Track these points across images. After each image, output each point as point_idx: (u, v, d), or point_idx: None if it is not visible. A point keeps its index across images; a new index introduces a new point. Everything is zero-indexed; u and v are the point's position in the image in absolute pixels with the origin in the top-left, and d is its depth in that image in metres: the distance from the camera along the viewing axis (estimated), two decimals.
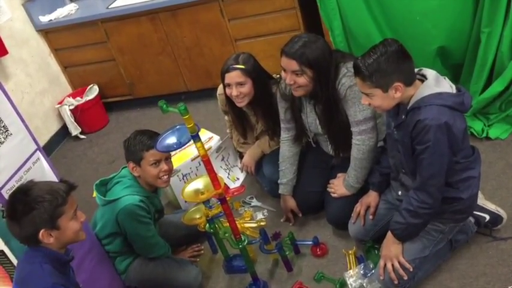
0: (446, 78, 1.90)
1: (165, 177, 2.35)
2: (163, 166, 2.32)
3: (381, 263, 2.06)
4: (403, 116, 1.88)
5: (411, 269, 2.02)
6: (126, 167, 2.40)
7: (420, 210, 1.90)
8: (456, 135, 1.81)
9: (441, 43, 2.71)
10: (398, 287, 2.05)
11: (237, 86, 2.46)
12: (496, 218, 2.21)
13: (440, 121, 1.76)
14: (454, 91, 1.85)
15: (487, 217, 2.19)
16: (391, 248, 2.03)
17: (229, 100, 2.58)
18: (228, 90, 2.51)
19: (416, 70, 1.88)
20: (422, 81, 1.87)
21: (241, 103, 2.52)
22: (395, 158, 2.06)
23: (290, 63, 2.15)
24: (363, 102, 1.92)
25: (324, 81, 2.18)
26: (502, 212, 2.22)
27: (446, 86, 1.85)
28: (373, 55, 1.80)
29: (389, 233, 2.04)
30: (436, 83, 1.84)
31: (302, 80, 2.17)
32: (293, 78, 2.18)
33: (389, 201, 2.22)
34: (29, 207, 1.62)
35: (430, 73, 1.88)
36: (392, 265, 2.02)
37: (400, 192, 2.13)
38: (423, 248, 2.05)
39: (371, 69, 1.80)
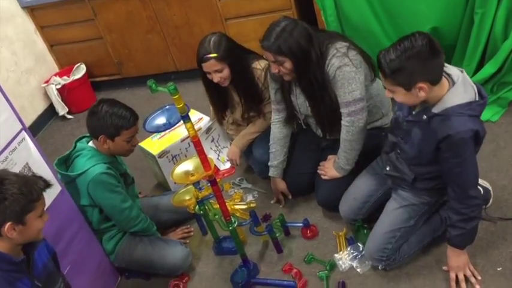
0: (464, 72, 1.79)
1: (133, 149, 2.38)
2: (135, 141, 2.35)
3: (452, 275, 2.00)
4: (424, 117, 1.81)
5: (479, 277, 1.99)
6: (80, 140, 2.35)
7: (473, 213, 1.85)
8: (481, 139, 1.80)
9: (434, 24, 2.69)
10: (386, 262, 2.08)
11: (216, 72, 2.45)
12: (486, 192, 2.22)
13: (472, 131, 1.73)
14: (476, 91, 1.77)
15: (482, 190, 2.19)
16: (460, 258, 1.97)
17: (207, 80, 2.55)
18: (209, 76, 2.50)
19: None
20: (447, 80, 1.78)
21: (225, 83, 2.52)
22: (395, 139, 2.03)
23: (267, 54, 2.17)
24: (386, 95, 1.85)
25: (303, 67, 2.16)
26: (487, 184, 2.25)
27: (471, 89, 1.77)
28: (396, 51, 1.67)
29: (450, 248, 1.97)
30: (464, 89, 1.75)
31: (283, 68, 2.17)
32: (276, 67, 2.19)
33: (378, 174, 2.21)
34: (1, 196, 1.54)
35: (456, 74, 1.76)
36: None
37: (388, 168, 2.10)
38: (408, 218, 2.06)
39: (392, 66, 1.68)
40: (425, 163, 1.92)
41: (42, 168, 2.02)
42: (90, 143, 2.33)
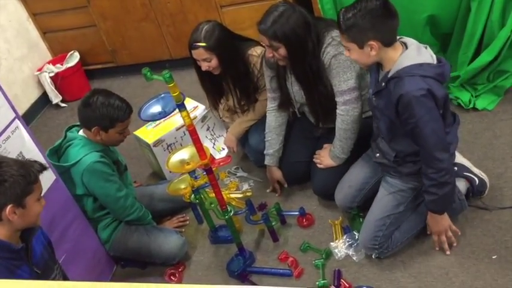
0: (428, 47, 1.88)
1: (124, 139, 2.37)
2: (127, 132, 2.34)
3: (435, 238, 2.08)
4: (383, 84, 1.87)
5: (459, 233, 2.08)
6: (70, 130, 2.34)
7: (442, 178, 1.88)
8: (440, 100, 1.81)
9: (431, 12, 2.67)
10: (379, 250, 2.10)
11: (203, 61, 2.44)
12: (482, 184, 2.23)
13: (424, 90, 1.76)
14: (435, 61, 1.83)
15: (477, 180, 2.21)
16: (441, 222, 2.03)
17: (199, 66, 2.54)
18: (198, 63, 2.49)
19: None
20: (402, 46, 1.86)
21: (214, 72, 2.51)
22: (375, 122, 2.06)
23: (263, 38, 2.17)
24: (345, 54, 1.94)
25: (298, 55, 2.15)
26: (484, 175, 2.25)
27: (427, 55, 1.83)
28: (353, 9, 1.79)
29: (429, 214, 2.03)
30: (417, 53, 1.82)
31: (277, 54, 2.16)
32: (271, 51, 2.17)
33: (372, 162, 2.21)
34: (1, 178, 1.56)
35: (410, 42, 1.86)
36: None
37: (378, 155, 2.11)
38: (397, 204, 2.08)
39: (348, 23, 1.80)
40: (400, 136, 1.94)
41: (36, 157, 1.99)
42: (81, 132, 2.31)
